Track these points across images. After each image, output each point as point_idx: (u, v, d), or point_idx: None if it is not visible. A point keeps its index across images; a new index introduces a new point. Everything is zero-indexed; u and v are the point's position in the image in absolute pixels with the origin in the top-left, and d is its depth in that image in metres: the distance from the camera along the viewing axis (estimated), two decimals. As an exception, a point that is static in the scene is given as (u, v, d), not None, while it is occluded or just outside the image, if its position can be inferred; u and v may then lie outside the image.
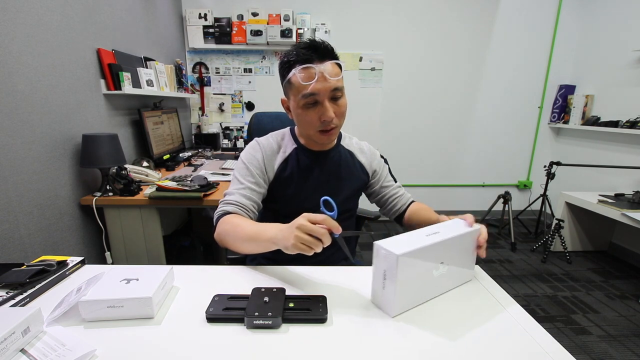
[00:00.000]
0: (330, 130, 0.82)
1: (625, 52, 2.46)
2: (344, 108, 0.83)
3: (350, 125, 3.01)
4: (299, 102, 0.79)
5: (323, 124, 0.80)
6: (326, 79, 0.76)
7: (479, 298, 0.67)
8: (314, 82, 0.75)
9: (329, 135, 0.83)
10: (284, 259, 0.94)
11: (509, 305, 0.64)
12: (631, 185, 2.39)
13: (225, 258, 1.04)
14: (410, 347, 0.52)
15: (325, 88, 0.76)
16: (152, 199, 1.41)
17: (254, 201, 0.85)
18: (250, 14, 2.72)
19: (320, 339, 0.54)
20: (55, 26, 1.34)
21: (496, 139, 3.13)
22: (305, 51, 0.77)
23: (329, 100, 0.78)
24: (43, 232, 1.27)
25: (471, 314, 0.61)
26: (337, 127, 0.84)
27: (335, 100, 0.80)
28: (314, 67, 0.75)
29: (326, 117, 0.78)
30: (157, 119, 2.06)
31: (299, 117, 0.82)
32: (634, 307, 1.83)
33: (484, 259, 2.41)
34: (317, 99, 0.77)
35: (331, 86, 0.77)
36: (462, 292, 0.69)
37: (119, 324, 0.57)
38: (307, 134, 0.85)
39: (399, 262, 0.56)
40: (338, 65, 0.80)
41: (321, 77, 0.76)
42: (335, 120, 0.80)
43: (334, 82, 0.77)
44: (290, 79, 0.79)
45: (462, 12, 2.82)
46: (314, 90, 0.76)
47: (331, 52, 0.79)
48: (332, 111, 0.78)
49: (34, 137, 1.23)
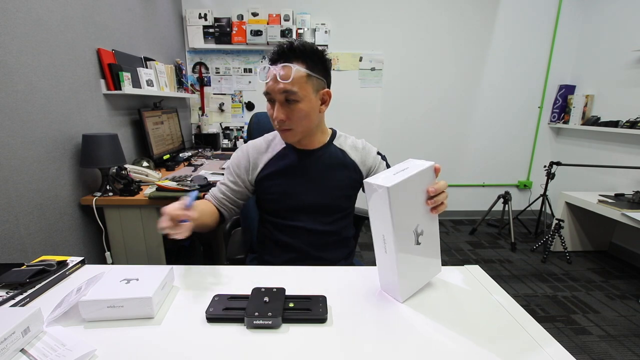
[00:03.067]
0: (284, 130, 0.85)
1: (625, 52, 2.46)
2: (299, 113, 0.81)
3: (350, 125, 3.03)
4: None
5: (275, 122, 0.84)
6: (276, 81, 0.79)
7: (479, 298, 0.67)
8: (269, 82, 0.81)
9: (284, 135, 0.87)
10: (284, 259, 0.95)
11: (509, 305, 0.64)
12: (631, 185, 2.39)
13: (225, 258, 1.04)
14: (410, 347, 0.52)
15: (276, 89, 0.80)
16: (152, 199, 1.41)
17: (227, 196, 0.96)
18: (250, 14, 2.72)
19: (320, 339, 0.54)
20: (55, 26, 1.34)
21: (496, 139, 3.13)
22: (274, 51, 0.82)
23: (282, 102, 0.81)
24: (43, 232, 1.27)
25: (471, 314, 0.61)
26: (293, 131, 0.84)
27: (289, 104, 0.81)
28: (270, 67, 0.80)
29: (274, 117, 0.83)
30: (157, 119, 2.06)
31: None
32: (634, 307, 1.83)
33: (484, 259, 2.41)
34: (272, 98, 0.82)
35: (280, 88, 0.78)
36: (462, 292, 0.69)
37: (119, 324, 0.57)
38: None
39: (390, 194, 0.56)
40: (294, 71, 0.77)
41: (273, 78, 0.79)
42: (287, 123, 0.83)
43: (282, 84, 0.78)
44: None
45: (462, 12, 2.82)
46: (269, 89, 0.81)
47: (292, 55, 0.79)
48: (280, 112, 0.81)
49: (34, 137, 1.23)
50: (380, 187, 0.57)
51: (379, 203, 0.58)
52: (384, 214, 0.58)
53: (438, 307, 0.63)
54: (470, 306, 0.64)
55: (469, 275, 0.76)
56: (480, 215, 2.98)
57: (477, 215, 3.16)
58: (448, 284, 0.72)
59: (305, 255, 0.93)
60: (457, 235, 2.87)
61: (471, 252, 2.53)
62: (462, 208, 3.27)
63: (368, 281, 0.72)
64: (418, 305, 0.64)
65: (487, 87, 3.00)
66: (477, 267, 0.79)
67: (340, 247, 0.99)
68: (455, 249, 2.59)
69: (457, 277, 0.75)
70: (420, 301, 0.65)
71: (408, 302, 0.65)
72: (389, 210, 0.57)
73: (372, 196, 0.60)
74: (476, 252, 2.53)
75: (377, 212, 0.60)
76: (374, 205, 0.60)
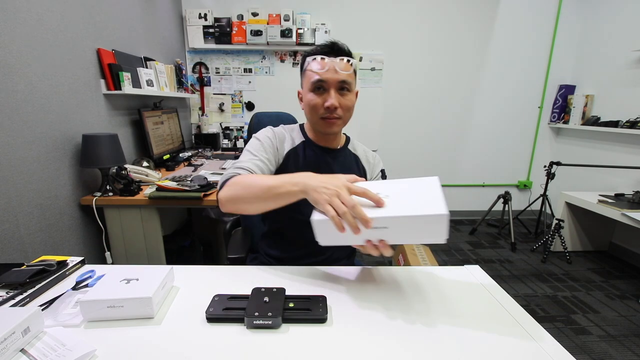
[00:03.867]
0: (332, 119, 0.86)
1: (625, 52, 2.46)
2: (350, 103, 0.87)
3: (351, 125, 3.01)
4: (309, 87, 0.86)
5: (326, 110, 0.85)
6: (336, 71, 0.83)
7: (479, 298, 0.67)
8: (324, 71, 0.83)
9: (331, 123, 0.86)
10: (284, 259, 0.95)
11: (509, 305, 0.64)
12: (631, 185, 2.39)
13: (225, 258, 1.04)
14: (410, 347, 0.52)
15: (334, 78, 0.83)
16: (152, 199, 1.41)
17: (269, 171, 0.87)
18: (250, 14, 2.72)
19: (320, 339, 0.54)
20: (55, 26, 1.34)
21: (496, 139, 3.13)
22: (322, 47, 0.86)
23: (336, 91, 0.84)
24: (43, 232, 1.27)
25: (471, 314, 0.61)
26: (341, 119, 0.87)
27: (342, 93, 0.85)
28: (327, 58, 0.84)
29: (330, 104, 0.83)
30: (157, 119, 2.06)
31: (307, 102, 0.88)
32: (634, 307, 1.83)
33: (484, 259, 2.41)
34: (325, 86, 0.84)
35: (339, 78, 0.83)
36: (462, 291, 0.69)
37: (119, 324, 0.57)
38: (312, 119, 0.89)
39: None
40: (352, 64, 0.86)
41: (332, 68, 0.83)
42: (339, 111, 0.85)
43: (342, 74, 0.83)
44: (305, 69, 0.87)
45: (462, 12, 2.82)
46: (323, 78, 0.83)
47: (346, 52, 0.87)
48: (336, 99, 0.84)
49: (34, 137, 1.23)
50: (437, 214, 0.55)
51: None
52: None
53: (438, 307, 0.63)
54: (470, 306, 0.64)
55: (469, 275, 0.76)
56: (480, 215, 2.98)
57: (477, 215, 3.16)
58: (448, 284, 0.72)
59: (311, 251, 0.93)
60: (457, 235, 2.86)
61: (471, 252, 2.53)
62: (462, 208, 3.27)
63: (368, 281, 0.72)
64: (418, 305, 0.64)
65: (487, 87, 3.00)
66: (477, 267, 0.79)
67: (344, 246, 0.99)
68: (455, 249, 2.59)
69: (457, 277, 0.75)
70: (420, 301, 0.65)
71: (408, 303, 0.64)
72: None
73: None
74: (476, 252, 2.53)
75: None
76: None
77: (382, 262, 2.36)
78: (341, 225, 0.57)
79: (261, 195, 0.71)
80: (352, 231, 0.57)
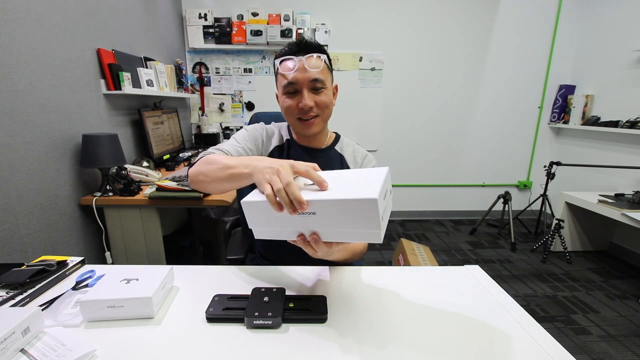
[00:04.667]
0: (309, 119, 0.85)
1: (625, 52, 2.46)
2: (327, 99, 0.85)
3: (351, 125, 3.03)
4: (282, 91, 0.85)
5: (301, 111, 0.84)
6: (306, 70, 0.81)
7: (479, 298, 0.67)
8: (294, 72, 0.81)
9: (309, 124, 0.86)
10: (284, 259, 0.95)
11: (509, 305, 0.64)
12: (631, 185, 2.39)
13: (225, 258, 1.04)
14: (410, 347, 0.52)
15: (304, 77, 0.81)
16: (152, 199, 1.41)
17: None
18: (250, 14, 2.72)
19: (320, 339, 0.54)
20: (55, 26, 1.34)
21: (496, 139, 3.13)
22: (290, 46, 0.84)
23: (309, 90, 0.83)
24: (43, 232, 1.27)
25: (471, 314, 0.61)
26: (319, 118, 0.86)
27: (316, 92, 0.84)
28: (294, 58, 0.81)
29: (302, 105, 0.82)
30: (157, 119, 2.06)
31: (282, 105, 0.87)
32: (634, 307, 1.83)
33: (484, 259, 2.41)
34: (297, 87, 0.82)
35: (310, 76, 0.81)
36: (462, 291, 0.69)
37: (119, 324, 0.57)
38: (290, 122, 0.89)
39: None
40: (323, 60, 0.83)
41: (301, 67, 0.81)
42: (315, 110, 0.84)
43: (313, 72, 0.81)
44: (277, 70, 0.85)
45: (462, 12, 2.82)
46: (293, 79, 0.81)
47: (315, 47, 0.84)
48: (310, 100, 0.82)
49: (34, 137, 1.23)
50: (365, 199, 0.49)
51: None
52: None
53: (438, 307, 0.63)
54: (470, 306, 0.64)
55: (469, 275, 0.76)
56: (480, 215, 2.98)
57: (477, 215, 3.16)
58: (448, 284, 0.72)
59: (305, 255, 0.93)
60: (457, 235, 2.87)
61: (471, 252, 2.53)
62: (462, 208, 3.27)
63: (368, 281, 0.72)
64: (418, 305, 0.64)
65: (487, 87, 3.00)
66: (477, 267, 0.79)
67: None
68: (455, 249, 2.59)
69: (457, 277, 0.75)
70: (420, 301, 0.65)
71: (408, 303, 0.64)
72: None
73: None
74: (476, 252, 2.53)
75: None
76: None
77: (382, 262, 2.36)
78: (274, 201, 0.53)
79: (219, 173, 0.69)
80: (284, 209, 0.52)
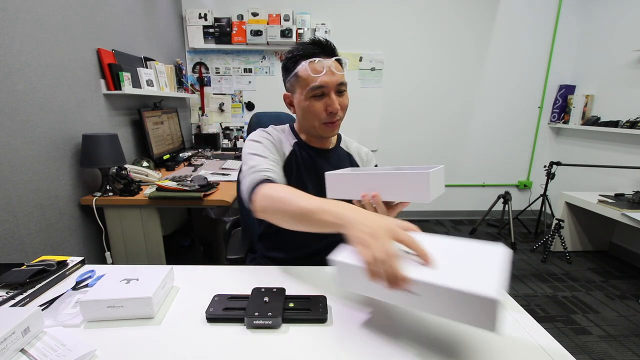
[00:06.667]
0: (334, 122, 0.85)
1: (625, 52, 2.46)
2: (347, 102, 0.87)
3: (351, 125, 3.02)
4: (307, 94, 0.82)
5: (329, 115, 0.83)
6: (334, 73, 0.81)
7: (479, 298, 0.67)
8: (323, 75, 0.80)
9: (333, 127, 0.86)
10: (284, 258, 0.95)
11: (509, 305, 0.64)
12: (631, 185, 2.39)
13: (225, 258, 1.04)
14: (410, 347, 0.52)
15: (333, 81, 0.81)
16: (152, 199, 1.41)
17: (280, 177, 0.82)
18: (250, 14, 2.72)
19: (320, 339, 0.54)
20: (55, 26, 1.34)
21: (496, 139, 3.13)
22: (312, 47, 0.82)
23: (335, 94, 0.83)
24: (43, 232, 1.27)
25: (471, 314, 0.61)
26: (340, 120, 0.87)
27: (340, 94, 0.85)
28: (322, 61, 0.80)
29: (333, 109, 0.82)
30: (157, 119, 2.06)
31: (305, 109, 0.85)
32: (634, 307, 1.83)
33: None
34: (325, 91, 0.82)
35: (338, 80, 0.82)
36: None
37: (119, 324, 0.57)
38: (312, 125, 0.86)
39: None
40: (341, 63, 0.85)
41: (329, 70, 0.80)
42: (340, 113, 0.85)
43: (340, 76, 0.82)
44: (297, 72, 0.82)
45: (462, 12, 2.82)
46: (323, 83, 0.80)
47: (335, 50, 0.85)
48: (337, 103, 0.83)
49: (34, 137, 1.23)
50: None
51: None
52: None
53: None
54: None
55: (469, 275, 0.76)
56: (480, 215, 2.98)
57: (477, 215, 3.16)
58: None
59: (311, 253, 0.93)
60: (457, 235, 2.86)
61: (471, 252, 2.53)
62: (462, 208, 3.27)
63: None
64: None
65: (487, 87, 3.00)
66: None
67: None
68: (455, 249, 2.58)
69: (457, 277, 0.75)
70: (420, 301, 0.65)
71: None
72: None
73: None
74: (476, 252, 2.53)
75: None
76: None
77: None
78: (374, 274, 0.46)
79: (296, 216, 0.64)
80: (381, 285, 0.46)
